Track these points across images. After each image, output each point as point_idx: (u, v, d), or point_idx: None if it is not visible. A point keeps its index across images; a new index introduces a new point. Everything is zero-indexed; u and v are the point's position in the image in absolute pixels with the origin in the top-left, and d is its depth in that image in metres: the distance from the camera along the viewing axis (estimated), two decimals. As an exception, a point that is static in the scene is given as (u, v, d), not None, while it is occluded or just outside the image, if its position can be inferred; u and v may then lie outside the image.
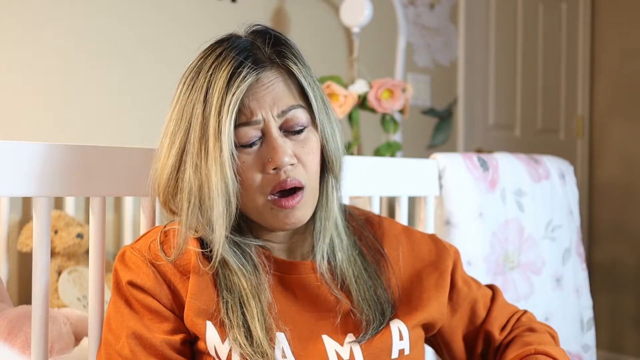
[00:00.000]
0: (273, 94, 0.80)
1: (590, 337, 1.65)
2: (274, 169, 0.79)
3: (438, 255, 0.95)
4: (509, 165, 1.52)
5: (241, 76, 0.78)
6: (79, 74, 1.80)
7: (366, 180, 1.26)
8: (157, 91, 1.91)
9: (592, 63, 3.23)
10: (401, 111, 1.99)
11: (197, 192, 0.78)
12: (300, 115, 0.81)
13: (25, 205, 1.69)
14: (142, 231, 0.98)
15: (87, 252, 1.63)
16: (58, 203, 1.75)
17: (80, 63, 1.80)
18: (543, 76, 3.08)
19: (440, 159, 1.42)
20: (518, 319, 0.97)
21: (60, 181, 0.88)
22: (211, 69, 0.79)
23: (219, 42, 0.82)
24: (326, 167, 0.86)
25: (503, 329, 0.95)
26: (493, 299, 0.98)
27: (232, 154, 0.77)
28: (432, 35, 2.67)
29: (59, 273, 1.55)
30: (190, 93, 0.80)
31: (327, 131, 0.84)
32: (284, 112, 0.80)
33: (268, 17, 2.19)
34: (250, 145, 0.79)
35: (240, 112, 0.78)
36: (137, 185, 0.95)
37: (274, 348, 0.78)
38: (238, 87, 0.77)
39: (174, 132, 0.80)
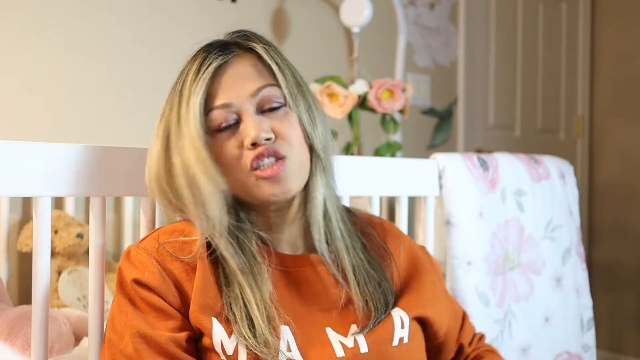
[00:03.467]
0: (243, 76, 0.83)
1: (590, 337, 1.65)
2: (252, 145, 0.80)
3: (430, 263, 1.02)
4: (509, 165, 1.52)
5: (208, 62, 0.82)
6: (79, 74, 1.80)
7: (366, 180, 1.26)
8: (157, 91, 1.89)
9: (592, 63, 3.23)
10: (401, 111, 1.98)
11: (186, 174, 0.80)
12: (275, 93, 0.83)
13: (25, 205, 1.69)
14: (142, 231, 0.98)
15: (87, 252, 1.63)
16: (58, 203, 1.75)
17: (80, 63, 1.80)
18: (543, 76, 3.08)
19: (440, 159, 1.42)
20: (480, 338, 1.08)
21: (60, 181, 0.88)
22: (186, 67, 0.85)
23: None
24: (311, 152, 0.86)
25: (470, 344, 1.05)
26: (464, 316, 1.07)
27: (202, 135, 0.80)
28: (432, 35, 2.67)
29: (59, 273, 1.54)
30: (171, 93, 0.86)
31: (304, 114, 0.85)
32: (257, 91, 0.82)
33: (268, 17, 2.19)
34: (226, 128, 0.82)
35: (210, 96, 0.82)
36: (137, 185, 0.95)
37: (277, 337, 0.78)
38: (204, 72, 0.82)
39: (158, 127, 0.85)
